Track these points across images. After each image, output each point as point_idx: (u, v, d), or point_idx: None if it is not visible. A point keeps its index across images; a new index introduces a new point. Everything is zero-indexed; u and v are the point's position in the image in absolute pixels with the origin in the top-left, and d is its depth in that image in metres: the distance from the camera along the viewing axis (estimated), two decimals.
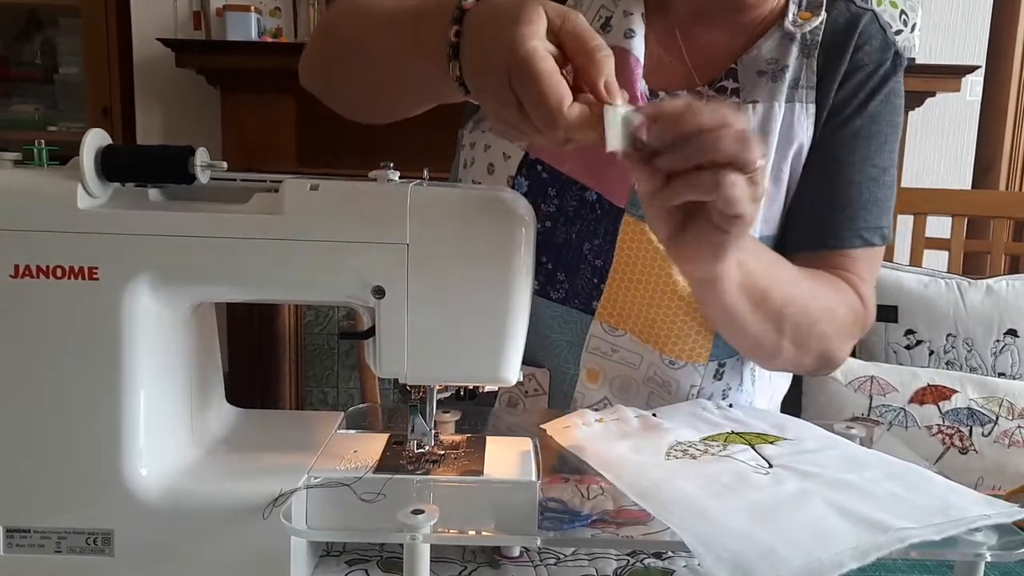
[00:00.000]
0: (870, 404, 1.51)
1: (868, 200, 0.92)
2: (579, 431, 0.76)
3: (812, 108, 0.91)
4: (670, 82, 0.93)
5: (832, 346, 0.90)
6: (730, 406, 0.86)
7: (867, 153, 0.92)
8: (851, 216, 0.92)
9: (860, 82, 0.92)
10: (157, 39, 2.52)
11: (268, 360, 2.59)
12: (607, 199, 0.88)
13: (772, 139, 0.90)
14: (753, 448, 0.72)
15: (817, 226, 0.92)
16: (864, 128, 0.92)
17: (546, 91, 0.55)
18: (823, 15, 0.92)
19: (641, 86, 0.89)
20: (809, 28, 0.91)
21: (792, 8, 0.92)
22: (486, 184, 0.92)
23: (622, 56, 0.88)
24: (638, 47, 0.89)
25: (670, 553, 0.67)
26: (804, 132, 0.91)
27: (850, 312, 0.90)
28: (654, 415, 0.81)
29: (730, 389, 0.96)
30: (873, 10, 0.95)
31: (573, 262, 0.91)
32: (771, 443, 0.74)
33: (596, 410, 0.82)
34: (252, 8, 2.53)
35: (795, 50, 0.91)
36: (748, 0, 0.90)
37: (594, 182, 0.88)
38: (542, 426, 0.76)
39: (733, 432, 0.77)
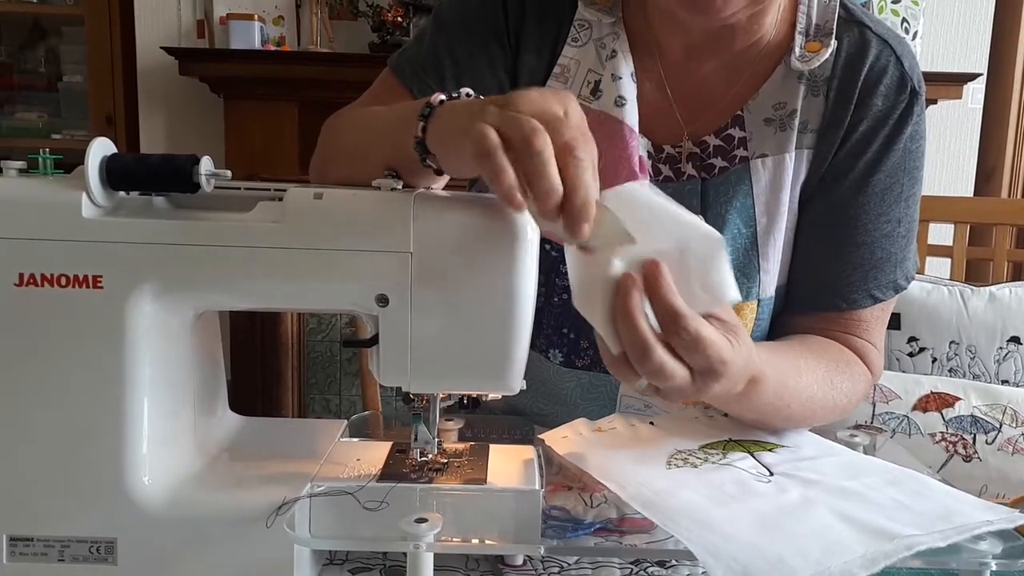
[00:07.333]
0: (873, 412, 1.50)
1: (881, 259, 0.86)
2: (577, 440, 0.76)
3: (809, 153, 0.85)
4: (672, 133, 0.88)
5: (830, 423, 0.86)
6: (724, 415, 0.86)
7: (881, 210, 0.85)
8: (862, 278, 0.86)
9: (870, 131, 0.84)
10: (161, 47, 2.52)
11: (271, 367, 2.59)
12: None
13: (784, 195, 0.85)
14: (752, 456, 0.72)
15: (826, 288, 0.87)
16: (878, 183, 0.85)
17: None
18: (832, 45, 0.83)
19: (640, 154, 0.85)
20: (818, 63, 0.83)
21: (799, 40, 0.84)
22: None
23: (616, 127, 0.84)
24: (631, 115, 0.85)
25: (674, 562, 0.67)
26: (801, 176, 0.86)
27: (855, 399, 0.86)
28: (651, 424, 0.81)
29: None
30: (886, 39, 0.85)
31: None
32: (769, 450, 0.74)
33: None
34: (255, 16, 2.54)
35: (802, 89, 0.85)
36: (738, 23, 0.82)
37: None
38: (539, 436, 0.76)
39: (731, 439, 0.77)
